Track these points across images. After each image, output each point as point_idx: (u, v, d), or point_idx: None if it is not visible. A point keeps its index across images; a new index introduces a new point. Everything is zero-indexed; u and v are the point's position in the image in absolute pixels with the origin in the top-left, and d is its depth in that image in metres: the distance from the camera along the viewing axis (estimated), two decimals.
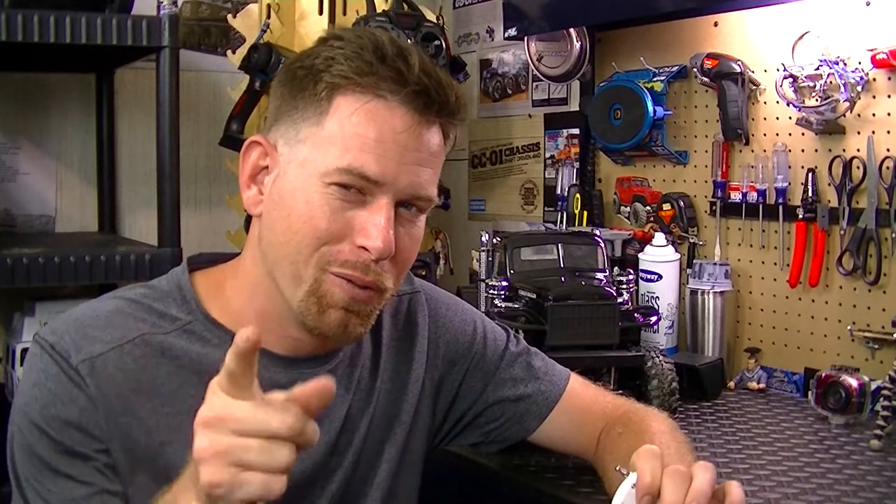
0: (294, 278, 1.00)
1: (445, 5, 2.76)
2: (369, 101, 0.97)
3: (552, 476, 1.41)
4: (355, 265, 0.98)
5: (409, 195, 1.00)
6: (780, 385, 1.91)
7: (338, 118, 0.97)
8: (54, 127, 2.40)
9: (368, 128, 0.97)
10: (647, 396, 1.55)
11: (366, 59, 0.97)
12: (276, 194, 1.01)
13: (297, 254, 0.98)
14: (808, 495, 1.32)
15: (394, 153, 0.97)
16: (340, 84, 0.97)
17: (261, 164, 1.03)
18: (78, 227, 2.43)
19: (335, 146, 0.97)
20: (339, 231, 0.98)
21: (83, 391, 0.97)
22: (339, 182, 0.97)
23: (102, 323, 1.02)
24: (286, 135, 1.00)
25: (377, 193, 0.98)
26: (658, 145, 2.12)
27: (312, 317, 1.00)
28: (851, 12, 1.76)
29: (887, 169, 1.72)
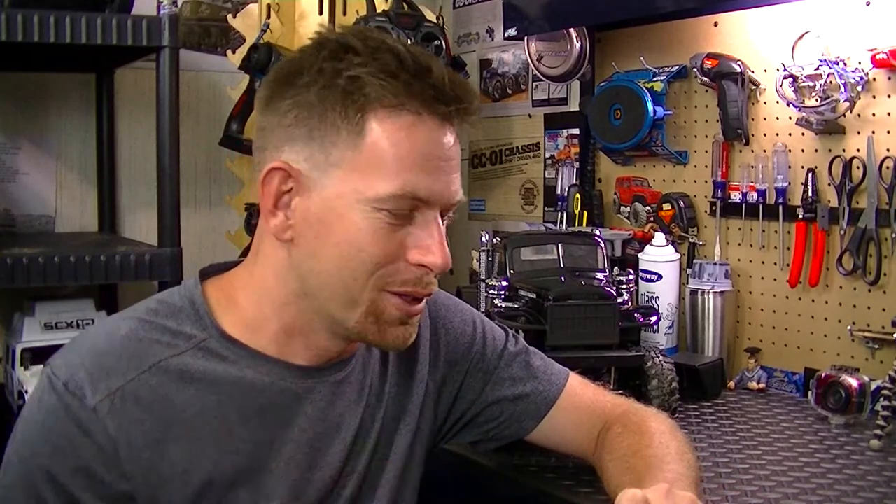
0: (349, 302, 0.99)
1: (445, 5, 2.76)
2: (408, 121, 0.96)
3: (552, 476, 1.41)
4: (415, 282, 1.00)
5: (450, 204, 1.02)
6: (780, 385, 1.91)
7: (378, 141, 0.95)
8: (54, 127, 2.40)
9: (412, 149, 0.96)
10: (647, 396, 1.55)
11: (402, 79, 0.95)
12: (313, 221, 0.98)
13: (353, 280, 0.98)
14: (808, 495, 1.32)
15: (437, 170, 0.98)
16: (373, 105, 0.95)
17: (283, 189, 0.99)
18: (78, 227, 2.43)
19: (382, 171, 0.96)
20: (394, 253, 0.98)
21: (91, 437, 0.95)
22: (392, 208, 0.96)
23: (118, 350, 0.99)
24: (312, 158, 0.97)
25: (425, 209, 0.99)
26: (658, 145, 2.12)
27: (374, 335, 1.02)
28: (851, 12, 1.76)
29: (887, 169, 1.72)
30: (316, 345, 1.05)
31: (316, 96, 0.96)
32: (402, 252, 0.99)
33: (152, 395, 0.98)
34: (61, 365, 0.99)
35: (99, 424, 0.95)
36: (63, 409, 0.96)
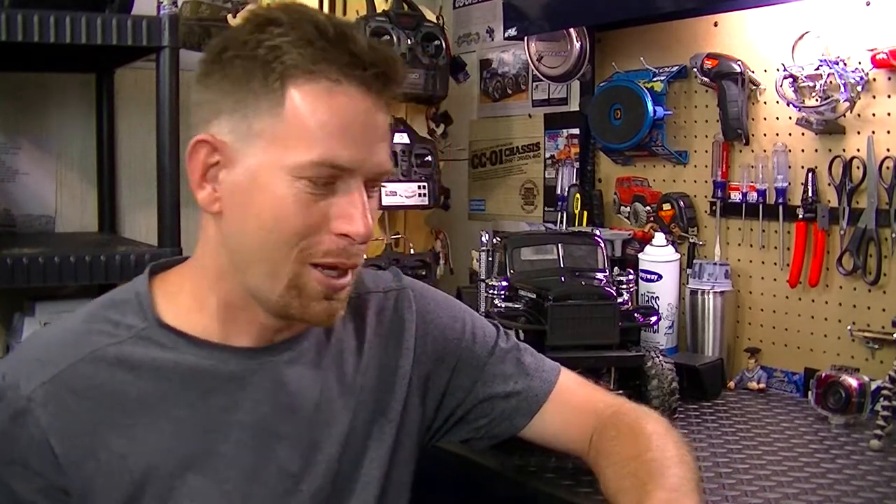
0: (271, 275, 0.99)
1: (445, 5, 2.76)
2: (326, 87, 0.95)
3: (552, 476, 1.41)
4: (338, 253, 0.98)
5: (374, 174, 1.00)
6: (780, 385, 1.91)
7: (297, 109, 0.95)
8: (54, 127, 2.40)
9: (331, 116, 0.95)
10: (647, 396, 1.55)
11: (315, 44, 0.95)
12: (238, 192, 0.99)
13: (275, 251, 0.98)
14: (808, 495, 1.32)
15: (358, 137, 0.97)
16: (293, 73, 0.95)
17: (210, 162, 1.00)
18: (78, 227, 2.42)
19: (301, 139, 0.95)
20: (316, 223, 0.97)
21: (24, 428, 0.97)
22: (312, 175, 0.95)
23: (57, 342, 1.02)
24: (236, 130, 0.98)
25: (347, 178, 0.97)
26: (658, 145, 2.12)
27: (296, 309, 1.00)
28: (851, 12, 1.76)
29: (887, 169, 1.72)
30: (256, 322, 1.05)
31: (239, 68, 0.97)
32: (324, 222, 0.97)
33: (87, 383, 0.99)
34: (6, 359, 1.04)
35: (32, 414, 0.97)
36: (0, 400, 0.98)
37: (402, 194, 2.36)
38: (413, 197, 2.38)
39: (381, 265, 2.34)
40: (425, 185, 2.39)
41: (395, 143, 2.34)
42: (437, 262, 2.51)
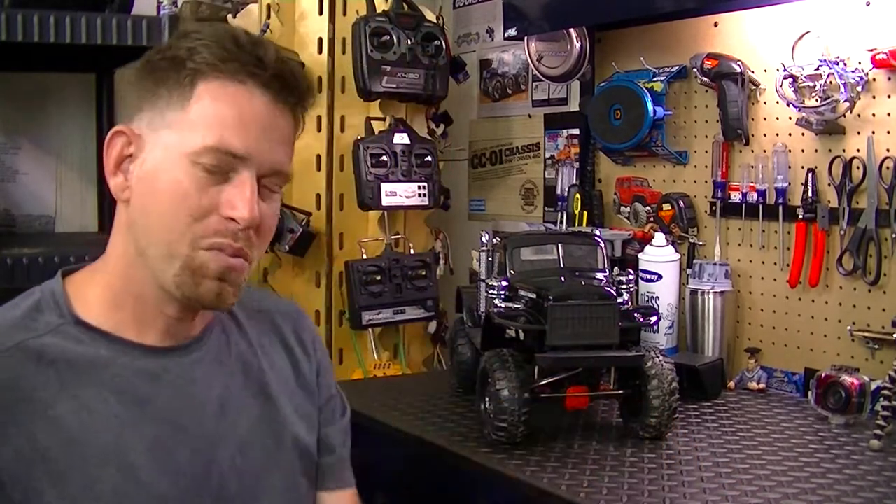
0: (168, 256, 1.05)
1: (445, 5, 2.76)
2: (231, 85, 1.05)
3: (552, 476, 1.41)
4: (225, 234, 1.05)
5: (269, 170, 1.07)
6: (780, 385, 1.91)
7: (202, 102, 1.04)
8: (54, 127, 2.40)
9: (231, 109, 1.04)
10: (647, 396, 1.55)
11: (226, 48, 1.05)
12: (145, 179, 1.07)
13: (170, 231, 1.04)
14: (808, 495, 1.32)
15: (254, 132, 1.05)
16: (203, 71, 1.04)
17: (125, 153, 1.09)
18: (78, 227, 2.42)
19: (201, 127, 1.04)
20: (208, 206, 1.04)
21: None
22: (207, 160, 1.03)
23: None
24: (152, 122, 1.07)
25: (241, 169, 1.05)
26: (658, 145, 2.13)
27: (188, 288, 1.06)
28: (851, 12, 1.77)
29: (887, 169, 1.72)
30: (164, 315, 1.10)
31: (160, 67, 1.07)
32: (215, 207, 1.04)
33: (10, 373, 1.03)
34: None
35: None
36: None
37: (402, 194, 2.37)
38: (413, 197, 2.38)
39: (381, 265, 2.35)
40: (425, 185, 2.39)
41: (395, 143, 2.35)
42: (437, 262, 2.51)
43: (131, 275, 1.09)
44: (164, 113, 1.06)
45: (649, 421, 1.55)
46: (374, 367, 2.47)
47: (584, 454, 1.51)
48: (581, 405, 1.66)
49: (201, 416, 1.11)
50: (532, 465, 1.45)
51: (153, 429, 1.07)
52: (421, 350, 2.65)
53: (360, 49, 2.27)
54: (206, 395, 1.13)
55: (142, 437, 1.06)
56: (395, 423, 1.69)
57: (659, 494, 1.32)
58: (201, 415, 1.12)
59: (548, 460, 1.47)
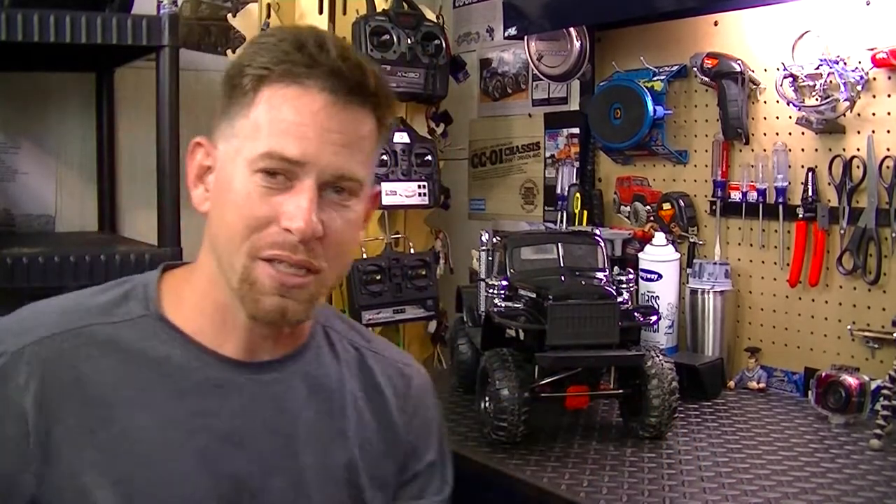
0: (230, 266, 1.03)
1: (445, 5, 2.76)
2: (287, 88, 1.00)
3: (552, 476, 1.41)
4: (283, 245, 1.00)
5: (332, 175, 1.01)
6: (780, 385, 1.91)
7: (261, 107, 1.01)
8: (54, 127, 2.40)
9: (286, 111, 1.00)
10: (647, 396, 1.55)
11: (283, 49, 1.01)
12: (216, 189, 1.05)
13: (230, 243, 1.02)
14: (808, 495, 1.32)
15: (313, 134, 1.00)
16: (262, 75, 1.01)
17: (205, 164, 1.07)
18: (78, 227, 2.43)
19: (259, 133, 1.00)
20: (267, 216, 1.00)
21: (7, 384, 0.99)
22: (264, 167, 0.99)
23: (49, 311, 1.06)
24: (225, 132, 1.04)
25: (301, 176, 1.00)
26: (658, 145, 2.12)
27: (249, 304, 1.03)
28: (851, 12, 1.76)
29: (887, 168, 1.72)
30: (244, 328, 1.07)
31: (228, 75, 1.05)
32: (274, 217, 1.00)
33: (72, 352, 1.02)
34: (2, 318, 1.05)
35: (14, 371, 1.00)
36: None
37: (402, 194, 2.36)
38: (413, 196, 2.38)
39: (381, 264, 2.35)
40: (425, 184, 2.39)
41: (395, 143, 2.34)
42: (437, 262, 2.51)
43: (213, 282, 1.07)
44: (233, 122, 1.03)
45: (649, 420, 1.55)
46: None
47: (584, 454, 1.51)
48: (581, 405, 1.66)
49: (263, 440, 1.07)
50: (532, 464, 1.45)
51: (207, 440, 1.04)
52: (421, 350, 2.64)
53: (360, 48, 2.27)
54: (274, 419, 1.08)
55: (194, 446, 1.03)
56: None
57: (659, 494, 1.32)
58: (263, 438, 1.07)
59: (548, 460, 1.47)
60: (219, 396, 1.06)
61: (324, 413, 1.12)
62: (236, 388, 1.07)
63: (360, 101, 1.02)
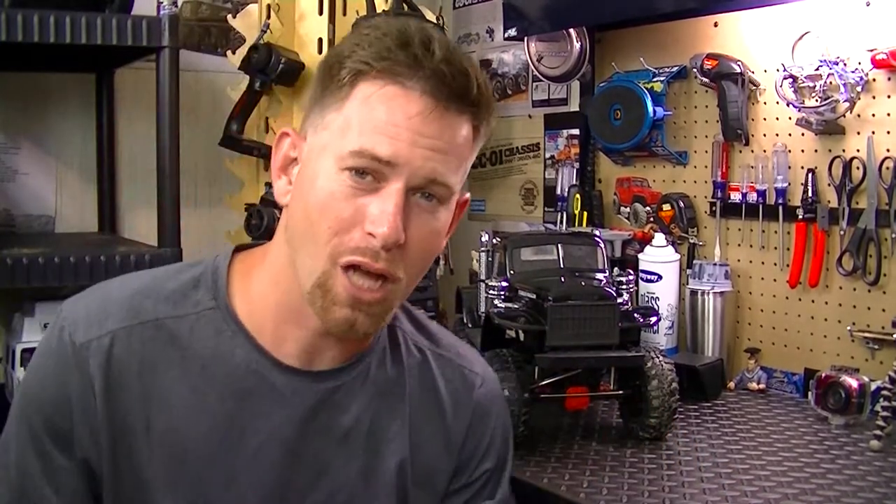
0: (308, 268, 0.99)
1: (445, 5, 2.76)
2: (386, 84, 0.96)
3: (552, 476, 1.41)
4: (365, 251, 0.96)
5: (422, 180, 0.97)
6: (780, 385, 1.91)
7: (356, 103, 0.97)
8: (54, 127, 2.40)
9: (382, 110, 0.96)
10: (647, 397, 1.55)
11: (386, 45, 0.96)
12: (300, 182, 1.01)
13: (314, 243, 0.98)
14: (808, 495, 1.32)
15: (406, 136, 0.95)
16: (361, 69, 0.97)
17: (291, 156, 1.04)
18: (78, 227, 2.42)
19: (352, 129, 0.96)
20: (351, 218, 0.96)
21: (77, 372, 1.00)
22: (352, 166, 0.96)
23: (123, 300, 1.04)
24: (314, 123, 1.01)
25: (390, 178, 0.96)
26: (658, 145, 2.12)
27: (318, 310, 1.00)
28: (851, 12, 1.77)
29: (887, 169, 1.72)
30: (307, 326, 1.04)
31: (326, 63, 1.01)
32: (359, 219, 0.96)
33: (141, 346, 1.02)
34: (69, 304, 1.05)
35: (83, 362, 1.00)
36: (58, 340, 1.02)
37: None
38: None
39: None
40: None
41: None
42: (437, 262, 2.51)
43: (280, 281, 1.04)
44: (325, 114, 0.99)
45: (649, 421, 1.55)
46: None
47: (584, 454, 1.51)
48: (581, 405, 1.66)
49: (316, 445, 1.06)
50: (532, 465, 1.45)
51: (260, 443, 1.04)
52: None
53: None
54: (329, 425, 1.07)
55: (247, 449, 1.03)
56: None
57: (659, 494, 1.32)
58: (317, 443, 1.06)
59: (548, 460, 1.47)
60: (276, 401, 1.04)
61: (381, 415, 1.10)
62: (294, 393, 1.05)
63: (460, 108, 0.98)
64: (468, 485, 1.17)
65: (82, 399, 1.00)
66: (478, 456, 1.17)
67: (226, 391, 1.03)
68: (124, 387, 1.01)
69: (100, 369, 1.00)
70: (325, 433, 1.07)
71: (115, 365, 1.00)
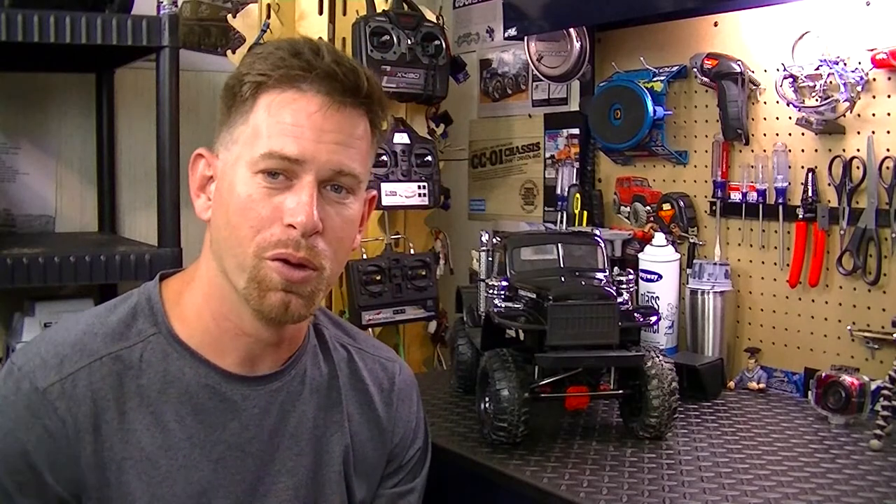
0: (238, 267, 1.07)
1: (445, 5, 2.76)
2: (284, 90, 1.06)
3: (552, 476, 1.41)
4: (287, 243, 1.04)
5: (330, 172, 1.06)
6: (780, 385, 1.91)
7: (261, 112, 1.06)
8: (54, 127, 2.40)
9: (285, 114, 1.05)
10: (647, 396, 1.55)
11: (279, 56, 1.06)
12: (218, 196, 1.10)
13: (238, 245, 1.06)
14: (808, 495, 1.32)
15: (310, 133, 1.05)
16: (260, 81, 1.06)
17: (206, 174, 1.12)
18: (78, 227, 2.43)
19: (259, 136, 1.05)
20: (270, 216, 1.04)
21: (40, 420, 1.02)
22: (264, 168, 1.04)
23: (73, 341, 1.07)
24: (224, 141, 1.10)
25: (300, 174, 1.05)
26: (658, 145, 2.12)
27: (255, 301, 1.06)
28: (851, 12, 1.77)
29: (887, 169, 1.72)
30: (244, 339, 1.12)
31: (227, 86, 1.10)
32: (277, 216, 1.05)
33: (101, 383, 1.05)
34: (20, 353, 1.07)
35: (48, 407, 1.03)
36: (14, 391, 1.04)
37: (402, 194, 2.36)
38: (413, 197, 2.38)
39: (381, 265, 2.35)
40: (425, 185, 2.39)
41: (395, 143, 2.34)
42: (437, 262, 2.51)
43: (214, 294, 1.11)
44: (233, 130, 1.08)
45: (649, 421, 1.55)
46: None
47: (584, 454, 1.51)
48: (581, 405, 1.66)
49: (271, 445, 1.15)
50: (532, 465, 1.45)
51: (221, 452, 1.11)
52: (421, 350, 2.64)
53: (360, 49, 2.27)
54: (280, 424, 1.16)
55: (211, 459, 1.10)
56: None
57: (659, 494, 1.32)
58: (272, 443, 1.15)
59: (548, 460, 1.47)
60: (229, 410, 1.12)
61: (323, 409, 1.20)
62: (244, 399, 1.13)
63: (354, 102, 1.07)
64: (402, 466, 1.30)
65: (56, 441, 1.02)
66: (408, 438, 1.30)
67: (183, 410, 1.09)
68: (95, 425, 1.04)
69: (69, 412, 1.03)
70: (278, 434, 1.15)
71: (83, 405, 1.04)
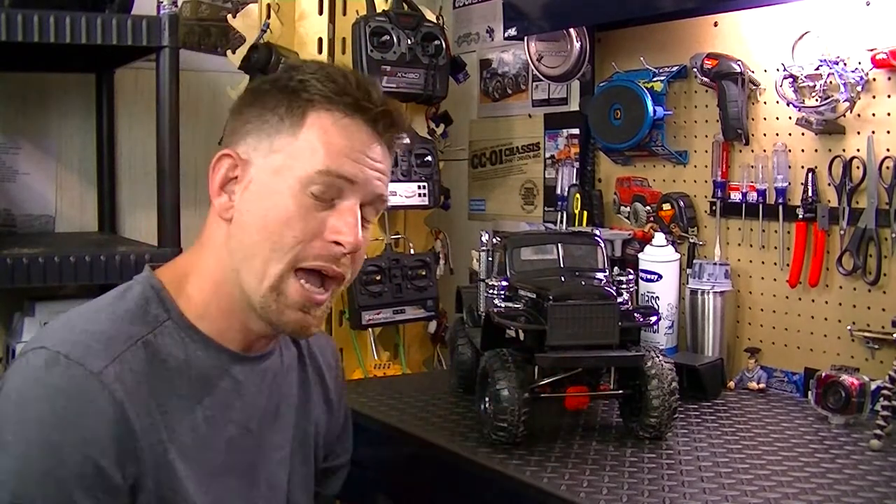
0: (259, 274, 1.10)
1: (445, 5, 2.77)
2: (341, 117, 1.12)
3: (552, 476, 1.41)
4: (327, 258, 1.11)
5: (372, 196, 1.14)
6: (780, 385, 1.91)
7: (313, 130, 1.11)
8: (54, 127, 2.40)
9: (342, 138, 1.11)
10: (647, 396, 1.55)
11: (338, 82, 1.13)
12: (251, 200, 1.12)
13: (272, 252, 1.10)
14: (808, 495, 1.32)
15: (362, 160, 1.13)
16: (317, 101, 1.11)
17: (230, 175, 1.14)
18: (78, 227, 2.43)
19: (314, 154, 1.10)
20: (314, 230, 1.10)
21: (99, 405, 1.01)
22: (319, 183, 1.10)
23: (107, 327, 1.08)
24: (259, 148, 1.12)
25: (348, 195, 1.12)
26: (658, 145, 2.13)
27: (272, 314, 1.12)
28: (851, 12, 1.77)
29: (887, 169, 1.72)
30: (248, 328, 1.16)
31: (271, 96, 1.14)
32: (320, 230, 1.11)
33: (142, 366, 1.07)
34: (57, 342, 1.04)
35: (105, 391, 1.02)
36: (67, 378, 1.01)
37: (402, 194, 2.37)
38: (413, 197, 2.38)
39: (381, 265, 2.35)
40: (425, 185, 2.39)
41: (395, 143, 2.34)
42: (437, 262, 2.51)
43: (220, 290, 1.15)
44: (273, 139, 1.12)
45: (649, 421, 1.55)
46: (374, 367, 2.47)
47: (584, 454, 1.51)
48: (581, 405, 1.66)
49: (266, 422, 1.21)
50: (532, 465, 1.45)
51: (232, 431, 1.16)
52: (421, 350, 2.65)
53: (360, 49, 2.27)
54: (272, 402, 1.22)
55: (224, 438, 1.15)
56: (395, 422, 1.69)
57: (659, 494, 1.32)
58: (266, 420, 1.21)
59: (548, 460, 1.47)
60: (235, 391, 1.17)
61: (299, 386, 1.29)
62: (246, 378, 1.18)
63: (389, 140, 1.17)
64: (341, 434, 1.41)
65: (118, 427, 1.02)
66: (343, 406, 1.41)
67: (202, 392, 1.12)
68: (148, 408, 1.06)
69: (126, 395, 1.03)
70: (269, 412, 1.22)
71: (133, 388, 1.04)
